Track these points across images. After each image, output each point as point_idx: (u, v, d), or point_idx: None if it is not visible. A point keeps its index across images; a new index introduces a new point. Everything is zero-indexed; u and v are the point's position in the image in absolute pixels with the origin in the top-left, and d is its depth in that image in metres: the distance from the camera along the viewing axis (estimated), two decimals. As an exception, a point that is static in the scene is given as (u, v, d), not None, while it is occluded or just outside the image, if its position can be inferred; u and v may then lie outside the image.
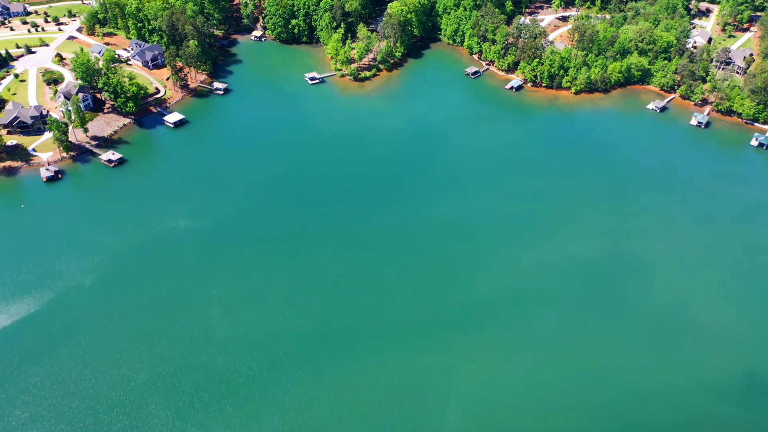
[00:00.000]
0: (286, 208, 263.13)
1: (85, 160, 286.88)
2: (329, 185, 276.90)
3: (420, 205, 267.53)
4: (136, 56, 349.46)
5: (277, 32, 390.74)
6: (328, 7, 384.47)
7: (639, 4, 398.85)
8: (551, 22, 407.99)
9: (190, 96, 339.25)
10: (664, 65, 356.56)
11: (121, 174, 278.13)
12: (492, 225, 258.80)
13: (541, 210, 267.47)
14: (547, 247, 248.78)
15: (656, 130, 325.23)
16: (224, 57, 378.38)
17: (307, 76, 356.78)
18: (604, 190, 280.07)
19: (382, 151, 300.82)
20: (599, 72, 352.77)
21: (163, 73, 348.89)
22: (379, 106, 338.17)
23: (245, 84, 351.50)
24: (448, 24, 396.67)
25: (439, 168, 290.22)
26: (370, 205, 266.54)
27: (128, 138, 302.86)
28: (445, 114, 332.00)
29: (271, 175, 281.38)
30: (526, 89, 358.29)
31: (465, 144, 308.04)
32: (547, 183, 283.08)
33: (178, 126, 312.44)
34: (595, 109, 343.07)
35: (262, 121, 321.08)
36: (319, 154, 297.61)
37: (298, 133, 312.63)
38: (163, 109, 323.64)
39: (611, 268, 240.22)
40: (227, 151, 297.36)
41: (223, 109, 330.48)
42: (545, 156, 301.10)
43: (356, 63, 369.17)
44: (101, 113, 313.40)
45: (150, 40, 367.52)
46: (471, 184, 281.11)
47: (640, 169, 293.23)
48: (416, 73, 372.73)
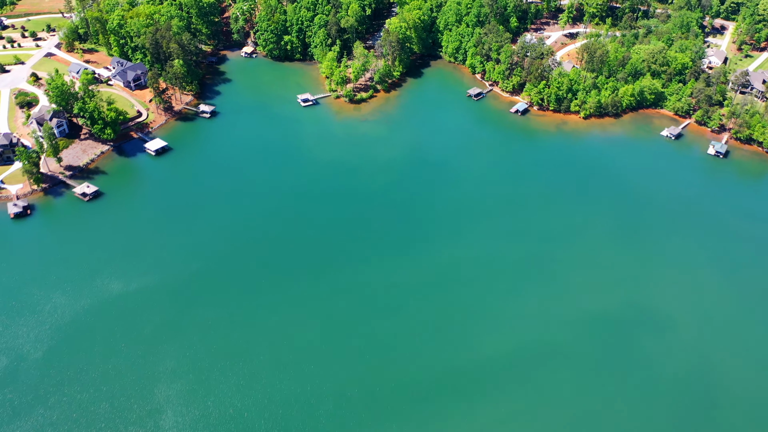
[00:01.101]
0: (273, 250, 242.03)
1: (57, 193, 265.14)
2: (321, 223, 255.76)
3: (420, 246, 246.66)
4: (117, 76, 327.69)
5: (268, 49, 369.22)
6: (322, 23, 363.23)
7: (651, 21, 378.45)
8: (558, 40, 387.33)
9: (174, 119, 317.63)
10: (678, 88, 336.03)
11: (95, 210, 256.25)
12: (498, 269, 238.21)
13: (551, 252, 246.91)
14: (557, 296, 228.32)
15: (672, 160, 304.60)
16: (212, 75, 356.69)
17: (299, 97, 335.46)
18: (619, 229, 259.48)
19: (379, 183, 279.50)
20: (610, 95, 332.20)
21: (146, 94, 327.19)
22: (377, 131, 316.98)
23: (234, 106, 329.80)
24: (450, 41, 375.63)
25: (440, 203, 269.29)
26: (366, 247, 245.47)
27: (106, 167, 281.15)
28: (447, 140, 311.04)
29: (257, 211, 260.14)
30: (532, 113, 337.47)
31: (468, 175, 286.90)
32: (558, 220, 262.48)
33: (160, 154, 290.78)
34: (605, 135, 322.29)
35: (250, 149, 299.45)
36: (311, 186, 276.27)
37: (289, 162, 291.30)
38: (144, 134, 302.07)
39: (628, 321, 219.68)
40: (211, 183, 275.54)
41: (208, 135, 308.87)
42: (554, 189, 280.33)
43: (352, 83, 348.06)
44: (77, 140, 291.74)
45: (133, 58, 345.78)
46: (475, 221, 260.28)
47: (656, 205, 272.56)
48: (416, 95, 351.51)
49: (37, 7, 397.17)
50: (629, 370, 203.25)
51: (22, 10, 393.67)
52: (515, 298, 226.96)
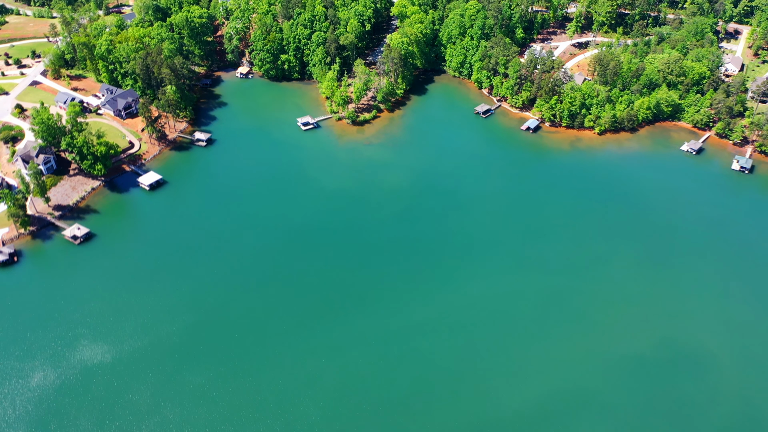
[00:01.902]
0: (277, 295, 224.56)
1: (46, 236, 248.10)
2: (328, 261, 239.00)
3: (434, 283, 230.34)
4: (107, 105, 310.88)
5: (265, 69, 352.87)
6: (321, 40, 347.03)
7: (664, 29, 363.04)
8: (566, 50, 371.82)
9: (168, 149, 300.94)
10: (696, 100, 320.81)
11: (85, 255, 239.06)
12: (519, 307, 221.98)
13: (575, 285, 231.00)
14: (585, 335, 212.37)
15: (695, 177, 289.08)
16: (207, 99, 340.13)
17: (299, 121, 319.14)
18: (645, 257, 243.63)
19: (387, 213, 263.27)
20: (625, 109, 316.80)
21: (138, 122, 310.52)
22: (382, 155, 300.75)
23: (231, 132, 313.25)
24: (454, 55, 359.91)
25: (453, 234, 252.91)
26: (377, 287, 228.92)
27: (97, 205, 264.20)
28: (456, 164, 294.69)
29: (259, 249, 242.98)
30: (544, 129, 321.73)
31: (481, 202, 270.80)
32: (579, 249, 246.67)
33: (155, 188, 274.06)
34: (623, 152, 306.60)
35: (250, 179, 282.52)
36: (316, 219, 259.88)
37: (292, 192, 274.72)
38: (137, 167, 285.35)
39: (665, 363, 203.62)
40: (210, 219, 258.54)
41: (205, 165, 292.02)
42: (573, 214, 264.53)
43: (354, 104, 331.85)
44: (66, 176, 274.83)
45: (123, 84, 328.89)
46: (491, 253, 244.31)
47: (682, 229, 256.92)
48: (421, 114, 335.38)
49: (21, 31, 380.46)
50: (671, 421, 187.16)
51: (5, 35, 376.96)
52: (540, 340, 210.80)
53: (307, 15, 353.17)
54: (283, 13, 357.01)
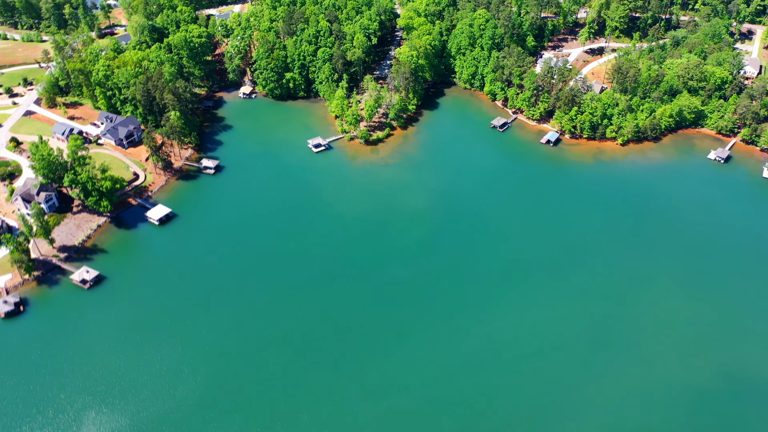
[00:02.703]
0: (300, 337, 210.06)
1: (53, 281, 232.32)
2: (351, 298, 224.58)
3: (469, 318, 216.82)
4: (108, 134, 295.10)
5: (269, 88, 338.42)
6: (327, 57, 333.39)
7: (679, 32, 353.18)
8: (579, 57, 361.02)
9: (175, 179, 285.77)
10: (719, 105, 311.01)
11: (97, 300, 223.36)
12: (564, 340, 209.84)
13: (618, 311, 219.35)
14: (639, 367, 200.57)
15: (726, 188, 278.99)
16: (211, 122, 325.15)
17: (310, 142, 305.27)
18: (686, 276, 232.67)
19: (411, 240, 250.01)
20: (647, 118, 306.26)
21: (142, 151, 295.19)
22: (400, 176, 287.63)
23: (239, 157, 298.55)
24: (464, 66, 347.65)
25: (483, 261, 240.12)
26: (407, 325, 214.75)
27: (105, 244, 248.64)
28: (478, 182, 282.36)
29: (277, 287, 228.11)
30: (565, 142, 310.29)
31: (508, 223, 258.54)
32: (617, 272, 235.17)
33: (164, 222, 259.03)
34: (648, 163, 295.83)
35: (263, 208, 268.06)
36: (334, 250, 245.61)
37: (308, 221, 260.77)
38: (144, 200, 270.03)
39: (728, 394, 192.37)
40: (223, 255, 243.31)
41: (215, 195, 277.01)
42: (606, 233, 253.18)
43: (365, 121, 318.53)
44: (70, 213, 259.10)
45: (122, 111, 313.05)
46: (525, 280, 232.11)
47: (721, 244, 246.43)
48: (435, 130, 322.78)
49: (10, 57, 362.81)
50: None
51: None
52: (590, 374, 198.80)
53: (311, 30, 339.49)
54: (285, 29, 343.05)
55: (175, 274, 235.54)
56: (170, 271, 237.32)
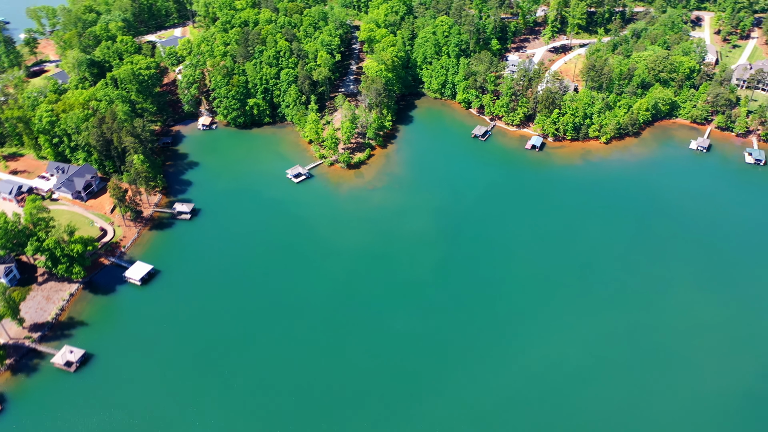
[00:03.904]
0: (319, 402, 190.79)
1: (30, 368, 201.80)
2: (362, 345, 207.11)
3: (498, 352, 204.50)
4: (62, 187, 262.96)
5: (232, 117, 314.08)
6: (291, 78, 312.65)
7: (638, 24, 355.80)
8: (543, 56, 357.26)
9: (147, 229, 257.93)
10: (691, 95, 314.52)
11: (86, 385, 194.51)
12: (604, 357, 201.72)
13: (647, 319, 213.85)
14: (686, 375, 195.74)
15: (715, 177, 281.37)
16: (173, 161, 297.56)
17: (289, 172, 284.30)
18: (704, 275, 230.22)
19: (418, 271, 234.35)
20: (626, 113, 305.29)
21: (104, 202, 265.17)
22: (391, 200, 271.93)
23: (214, 197, 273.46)
24: (433, 76, 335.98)
25: (501, 285, 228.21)
26: (432, 367, 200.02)
27: (83, 315, 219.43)
28: (474, 198, 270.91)
29: (282, 347, 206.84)
30: (549, 145, 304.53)
31: (516, 239, 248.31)
32: (635, 278, 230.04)
33: (147, 282, 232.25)
34: (635, 159, 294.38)
35: (252, 251, 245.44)
36: (337, 290, 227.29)
37: (304, 260, 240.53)
38: (118, 258, 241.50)
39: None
40: (219, 313, 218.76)
41: (197, 243, 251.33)
42: (613, 237, 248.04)
43: (342, 144, 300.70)
44: (35, 284, 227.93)
45: (73, 159, 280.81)
46: (550, 299, 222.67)
47: (729, 237, 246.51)
48: (416, 145, 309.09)
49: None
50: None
51: None
52: (641, 390, 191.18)
53: (271, 52, 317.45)
54: (242, 52, 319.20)
55: (170, 343, 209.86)
56: (163, 339, 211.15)
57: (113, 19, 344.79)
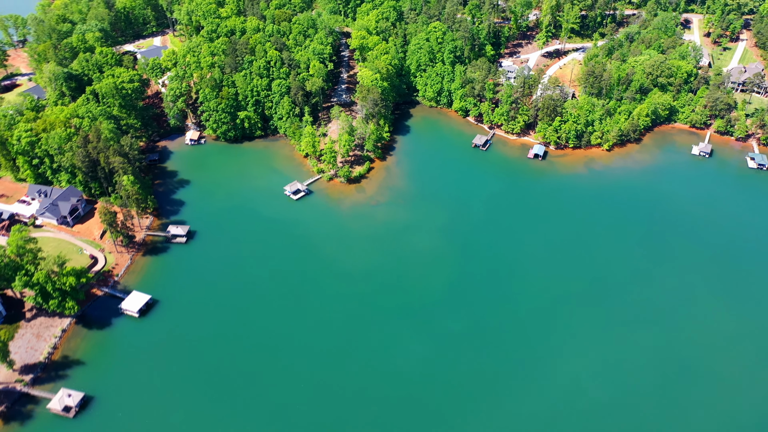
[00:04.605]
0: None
1: (24, 415, 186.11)
2: (385, 378, 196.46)
3: (523, 377, 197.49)
4: (46, 212, 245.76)
5: (222, 131, 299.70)
6: (284, 90, 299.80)
7: (632, 28, 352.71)
8: (538, 61, 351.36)
9: (140, 255, 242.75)
10: (689, 99, 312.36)
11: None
12: (634, 379, 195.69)
13: (676, 337, 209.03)
14: (721, 393, 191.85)
15: (721, 183, 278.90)
16: (162, 179, 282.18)
17: (287, 189, 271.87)
18: (726, 288, 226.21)
19: (433, 293, 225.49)
20: (626, 120, 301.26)
21: (93, 227, 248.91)
22: (397, 216, 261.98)
23: (209, 217, 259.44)
24: (428, 84, 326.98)
25: (520, 306, 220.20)
26: (456, 398, 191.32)
27: (78, 353, 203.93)
28: (481, 212, 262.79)
29: (297, 384, 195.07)
30: (551, 153, 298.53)
31: (529, 255, 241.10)
32: (657, 293, 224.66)
33: (145, 313, 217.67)
34: (638, 166, 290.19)
35: (255, 276, 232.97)
36: (350, 316, 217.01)
37: (311, 284, 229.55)
38: (111, 287, 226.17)
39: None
40: (226, 345, 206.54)
41: (195, 268, 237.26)
42: (627, 250, 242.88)
43: (341, 157, 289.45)
44: (23, 321, 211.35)
45: (55, 181, 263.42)
46: (571, 319, 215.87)
47: (740, 244, 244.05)
48: (416, 156, 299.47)
49: None
50: None
51: None
52: (676, 411, 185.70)
53: (261, 62, 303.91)
54: (230, 63, 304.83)
55: (175, 380, 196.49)
56: (168, 376, 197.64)
57: (90, 29, 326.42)
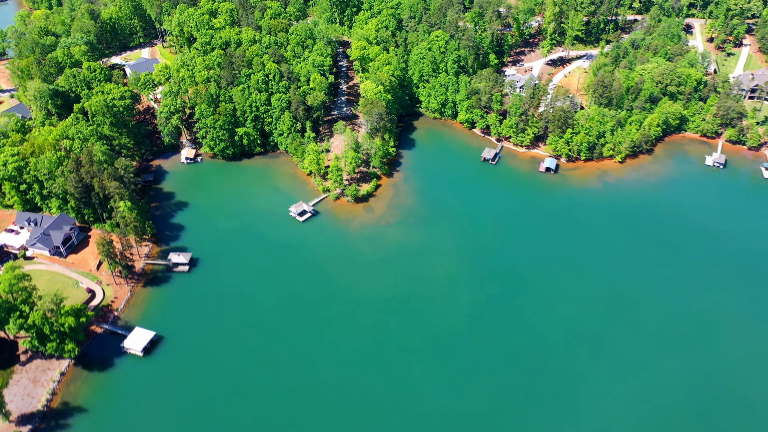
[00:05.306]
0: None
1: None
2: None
3: (565, 413, 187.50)
4: (38, 242, 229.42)
5: (220, 149, 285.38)
6: (284, 104, 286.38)
7: (636, 34, 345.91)
8: (542, 70, 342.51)
9: (140, 286, 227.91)
10: (699, 108, 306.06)
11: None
12: (681, 410, 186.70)
13: (718, 364, 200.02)
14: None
15: (739, 195, 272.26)
16: (159, 201, 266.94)
17: (293, 210, 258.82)
18: (755, 302, 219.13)
19: (456, 321, 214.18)
20: (638, 130, 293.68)
21: (88, 257, 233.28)
22: (409, 237, 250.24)
23: (211, 243, 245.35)
24: (432, 95, 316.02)
25: (548, 333, 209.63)
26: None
27: (80, 399, 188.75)
28: (497, 231, 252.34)
29: (320, 421, 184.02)
30: (562, 166, 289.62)
31: (552, 277, 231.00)
32: (689, 315, 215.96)
33: (149, 351, 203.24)
34: (653, 179, 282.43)
35: (265, 306, 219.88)
36: (371, 350, 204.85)
37: (326, 315, 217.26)
38: (112, 324, 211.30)
39: None
40: (239, 386, 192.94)
41: (201, 300, 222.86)
42: (652, 269, 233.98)
43: (347, 174, 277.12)
44: (17, 365, 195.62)
45: (45, 207, 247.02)
46: (603, 345, 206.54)
47: (766, 258, 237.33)
48: (424, 172, 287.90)
49: None
50: None
51: None
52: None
53: (259, 76, 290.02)
54: (227, 77, 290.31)
55: (186, 427, 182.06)
56: (180, 425, 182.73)
57: (75, 42, 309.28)
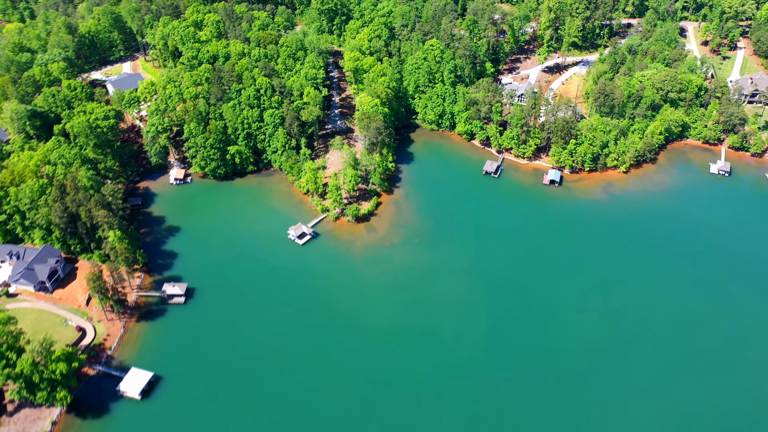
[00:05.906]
0: None
1: None
2: None
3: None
4: (21, 278, 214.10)
5: (211, 168, 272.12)
6: (277, 121, 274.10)
7: (632, 39, 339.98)
8: (539, 77, 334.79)
9: (134, 321, 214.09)
10: (701, 114, 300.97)
11: None
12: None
13: (747, 386, 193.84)
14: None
15: (748, 204, 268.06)
16: (149, 227, 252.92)
17: (291, 232, 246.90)
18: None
19: (470, 347, 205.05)
20: (641, 139, 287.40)
21: (76, 291, 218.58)
22: (415, 258, 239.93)
23: (207, 271, 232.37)
24: (429, 106, 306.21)
25: (568, 358, 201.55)
26: None
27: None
28: (505, 250, 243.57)
29: None
30: (566, 178, 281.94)
31: (567, 297, 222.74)
32: (713, 335, 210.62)
33: (147, 394, 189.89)
34: (659, 189, 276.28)
35: (268, 338, 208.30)
36: (381, 384, 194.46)
37: (333, 346, 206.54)
38: (105, 364, 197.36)
39: None
40: (237, 423, 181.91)
41: (199, 334, 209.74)
42: (669, 287, 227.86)
43: (345, 192, 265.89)
44: (4, 415, 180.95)
45: (27, 238, 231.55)
46: (625, 369, 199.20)
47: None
48: (425, 188, 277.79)
49: None
50: None
51: None
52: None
53: (250, 91, 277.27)
54: (216, 93, 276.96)
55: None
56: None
57: (53, 58, 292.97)
